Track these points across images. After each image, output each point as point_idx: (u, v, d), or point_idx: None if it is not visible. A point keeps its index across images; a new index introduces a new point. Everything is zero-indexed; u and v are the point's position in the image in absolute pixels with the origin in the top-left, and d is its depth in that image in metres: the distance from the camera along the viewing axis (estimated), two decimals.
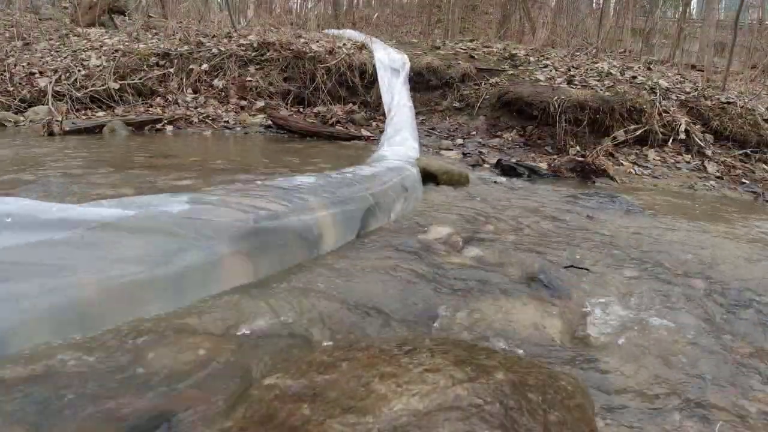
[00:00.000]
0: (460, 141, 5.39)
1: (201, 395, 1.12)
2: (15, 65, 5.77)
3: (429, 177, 3.32)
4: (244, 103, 6.00)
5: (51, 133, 4.42)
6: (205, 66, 6.14)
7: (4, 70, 5.59)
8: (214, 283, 1.53)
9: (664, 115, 5.38)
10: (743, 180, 4.91)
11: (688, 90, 6.04)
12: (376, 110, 5.99)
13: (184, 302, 1.43)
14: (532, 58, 7.02)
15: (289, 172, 3.23)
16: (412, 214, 2.69)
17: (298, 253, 1.85)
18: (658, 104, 5.38)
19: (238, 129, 5.37)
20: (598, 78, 6.10)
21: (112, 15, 8.86)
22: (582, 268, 2.17)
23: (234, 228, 1.62)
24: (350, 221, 2.17)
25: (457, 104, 6.12)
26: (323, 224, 1.98)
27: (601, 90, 5.61)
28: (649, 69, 6.99)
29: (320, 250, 1.96)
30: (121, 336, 1.26)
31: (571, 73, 6.29)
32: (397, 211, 2.63)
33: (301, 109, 6.09)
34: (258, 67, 6.25)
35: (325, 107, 5.94)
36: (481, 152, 5.01)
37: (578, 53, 7.93)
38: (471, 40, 8.72)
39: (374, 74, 6.08)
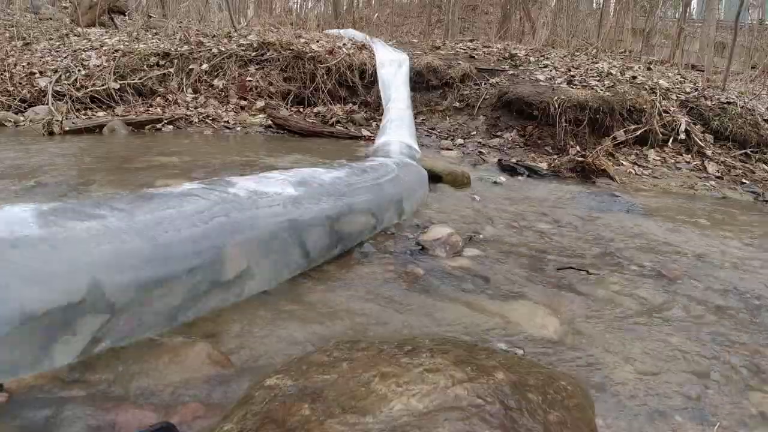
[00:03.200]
0: (460, 141, 5.39)
1: None
2: (15, 65, 5.76)
3: (434, 177, 3.35)
4: (244, 103, 5.99)
5: (51, 133, 4.42)
6: (205, 66, 6.14)
7: (4, 70, 5.59)
8: None
9: (664, 115, 5.38)
10: (743, 180, 4.91)
11: (688, 90, 6.03)
12: (376, 110, 5.99)
13: None
14: (532, 58, 7.01)
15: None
16: (416, 214, 2.69)
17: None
18: (658, 104, 5.38)
19: (238, 129, 5.37)
20: (598, 78, 6.09)
21: (112, 15, 8.85)
22: (581, 270, 2.17)
23: None
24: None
25: (457, 104, 6.11)
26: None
27: (601, 90, 5.61)
28: (649, 69, 6.98)
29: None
30: None
31: (571, 73, 6.29)
32: (413, 207, 2.72)
33: (301, 109, 6.09)
34: (258, 67, 6.25)
35: (325, 107, 5.93)
36: (481, 152, 5.01)
37: (578, 53, 7.93)
38: (471, 40, 8.72)
39: (374, 74, 6.08)
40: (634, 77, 6.16)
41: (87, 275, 1.17)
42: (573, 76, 6.13)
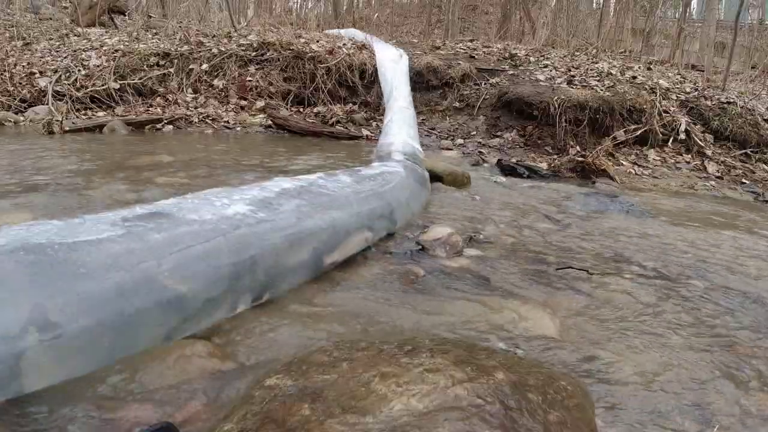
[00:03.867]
0: (460, 141, 5.39)
1: None
2: (15, 65, 5.76)
3: (434, 178, 3.37)
4: (244, 103, 5.99)
5: (51, 133, 4.43)
6: (205, 66, 6.14)
7: (4, 70, 5.59)
8: None
9: (664, 115, 5.38)
10: (743, 180, 4.91)
11: (688, 90, 6.03)
12: (376, 110, 5.99)
13: None
14: (532, 58, 7.01)
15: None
16: (418, 214, 2.69)
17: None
18: (658, 104, 5.38)
19: (238, 129, 5.37)
20: (598, 78, 6.09)
21: (112, 15, 8.85)
22: (581, 270, 2.17)
23: None
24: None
25: (457, 104, 6.11)
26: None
27: (601, 90, 5.61)
28: (649, 69, 6.98)
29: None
30: None
31: (571, 73, 6.28)
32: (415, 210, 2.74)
33: (301, 109, 6.09)
34: (258, 67, 6.25)
35: (325, 107, 5.93)
36: (481, 152, 5.01)
37: (578, 53, 7.93)
38: (471, 40, 8.72)
39: (374, 74, 6.08)
40: (634, 77, 6.16)
41: None
42: (573, 76, 6.13)
